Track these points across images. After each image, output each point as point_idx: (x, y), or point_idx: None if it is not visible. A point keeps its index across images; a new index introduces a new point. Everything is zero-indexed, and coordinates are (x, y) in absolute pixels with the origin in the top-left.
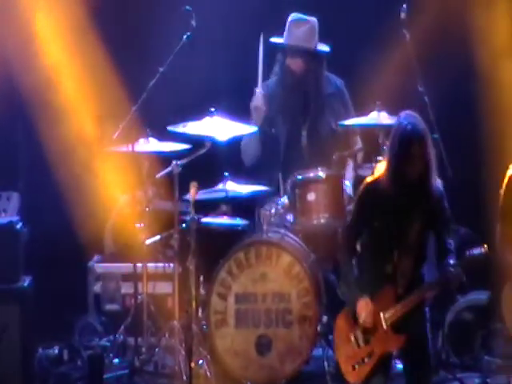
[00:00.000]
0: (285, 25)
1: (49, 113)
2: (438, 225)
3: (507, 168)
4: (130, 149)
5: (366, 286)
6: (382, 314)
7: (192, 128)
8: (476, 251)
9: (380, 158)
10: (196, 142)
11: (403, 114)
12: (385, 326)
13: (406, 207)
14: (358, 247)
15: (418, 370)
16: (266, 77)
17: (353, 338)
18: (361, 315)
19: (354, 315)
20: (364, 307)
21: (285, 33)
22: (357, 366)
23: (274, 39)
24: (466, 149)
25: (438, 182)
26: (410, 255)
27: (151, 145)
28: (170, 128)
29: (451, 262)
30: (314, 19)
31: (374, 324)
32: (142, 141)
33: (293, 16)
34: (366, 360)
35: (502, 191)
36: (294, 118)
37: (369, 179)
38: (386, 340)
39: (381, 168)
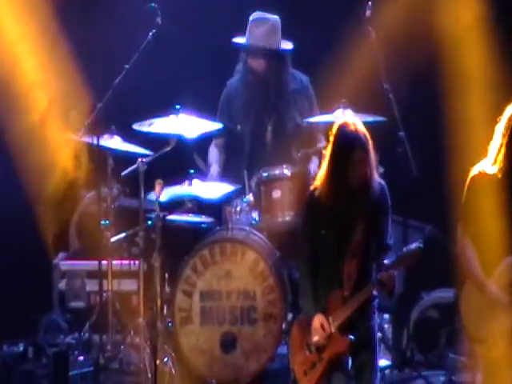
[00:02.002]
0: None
1: (8, 105)
2: (381, 222)
3: (472, 165)
4: (95, 141)
5: (320, 296)
6: (330, 318)
7: (158, 126)
8: (412, 246)
9: None
10: (162, 139)
11: (340, 123)
12: (332, 330)
13: (347, 211)
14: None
15: (364, 371)
16: (229, 75)
17: (305, 345)
18: (315, 335)
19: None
20: (318, 328)
21: (246, 32)
22: (308, 372)
23: (236, 39)
24: (430, 146)
25: (378, 178)
26: (356, 257)
27: (116, 142)
28: (135, 127)
29: (385, 262)
30: (275, 18)
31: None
32: (106, 137)
33: (254, 15)
34: (316, 365)
35: (464, 191)
36: (258, 115)
37: (311, 188)
38: (334, 343)
39: (320, 174)
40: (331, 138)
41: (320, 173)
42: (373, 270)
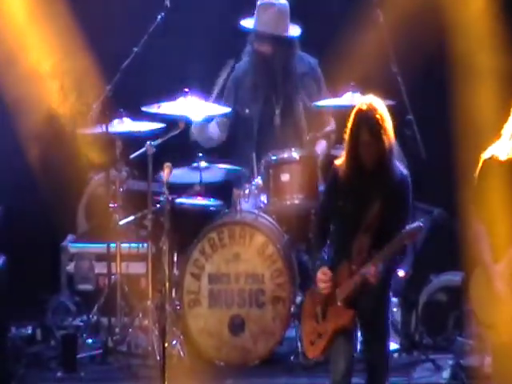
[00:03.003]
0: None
1: (17, 91)
2: (398, 208)
3: (481, 149)
4: (104, 130)
5: (328, 261)
6: (337, 291)
7: (166, 108)
8: (413, 225)
9: None
10: (170, 122)
11: (363, 98)
12: (338, 302)
13: (364, 189)
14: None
15: (371, 345)
16: (238, 58)
17: (314, 315)
18: (319, 284)
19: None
20: (321, 276)
21: (254, 16)
22: (314, 341)
23: (243, 22)
24: (439, 129)
25: (402, 168)
26: (368, 234)
27: (125, 125)
28: (144, 108)
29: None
30: (283, 3)
31: (331, 299)
32: (116, 121)
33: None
34: (322, 336)
35: (475, 175)
36: (266, 98)
37: (336, 161)
38: (338, 315)
39: (344, 151)
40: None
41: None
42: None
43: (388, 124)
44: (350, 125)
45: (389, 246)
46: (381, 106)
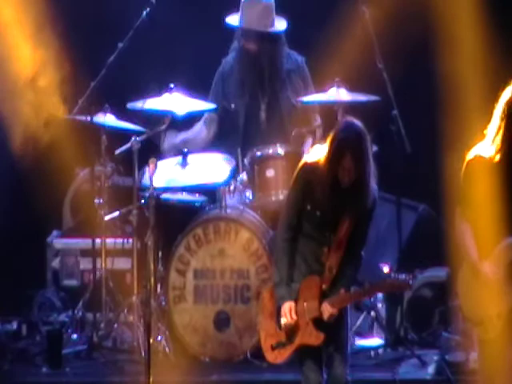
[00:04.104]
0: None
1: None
2: (361, 229)
3: (466, 145)
4: (89, 119)
5: (296, 275)
6: (305, 305)
7: (151, 104)
8: (402, 277)
9: None
10: (155, 118)
11: (345, 121)
12: (307, 318)
13: (339, 202)
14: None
15: (331, 369)
16: (224, 53)
17: (275, 318)
18: (283, 318)
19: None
20: (287, 313)
21: (239, 13)
22: (276, 347)
23: (229, 18)
24: (424, 125)
25: (375, 190)
26: (339, 251)
27: (109, 119)
28: (129, 106)
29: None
30: None
31: (296, 312)
32: (100, 115)
33: None
34: (286, 345)
35: (461, 176)
36: (252, 94)
37: (308, 159)
38: (307, 333)
39: (322, 153)
40: (331, 135)
41: (320, 153)
42: (349, 268)
43: (369, 148)
44: (331, 147)
45: (367, 290)
46: (362, 130)
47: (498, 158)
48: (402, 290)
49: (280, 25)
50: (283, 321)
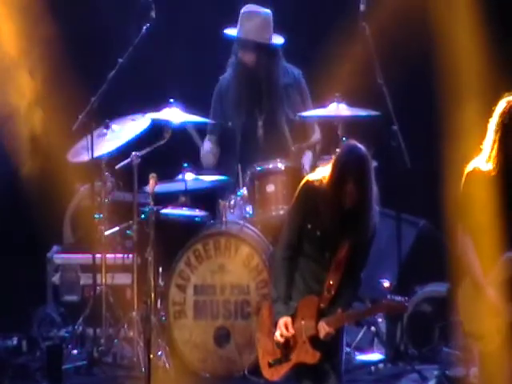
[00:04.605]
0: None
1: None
2: (363, 253)
3: (466, 159)
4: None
5: (294, 294)
6: (302, 323)
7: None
8: (398, 299)
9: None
10: (155, 133)
11: (348, 145)
12: (304, 337)
13: (340, 223)
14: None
15: (327, 374)
16: (223, 68)
17: (272, 332)
18: (278, 331)
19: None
20: (283, 329)
21: (237, 25)
22: (273, 364)
23: (228, 31)
24: (424, 140)
25: (376, 214)
26: (339, 272)
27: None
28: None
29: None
30: (267, 11)
31: (293, 330)
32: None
33: (245, 8)
34: (282, 362)
35: (460, 190)
36: (250, 110)
37: (311, 177)
38: (303, 351)
39: (325, 173)
40: (334, 158)
41: (323, 173)
42: (348, 289)
43: (371, 172)
44: (333, 171)
45: (363, 311)
46: (365, 154)
47: (494, 170)
48: (398, 312)
49: (277, 39)
50: (277, 333)
